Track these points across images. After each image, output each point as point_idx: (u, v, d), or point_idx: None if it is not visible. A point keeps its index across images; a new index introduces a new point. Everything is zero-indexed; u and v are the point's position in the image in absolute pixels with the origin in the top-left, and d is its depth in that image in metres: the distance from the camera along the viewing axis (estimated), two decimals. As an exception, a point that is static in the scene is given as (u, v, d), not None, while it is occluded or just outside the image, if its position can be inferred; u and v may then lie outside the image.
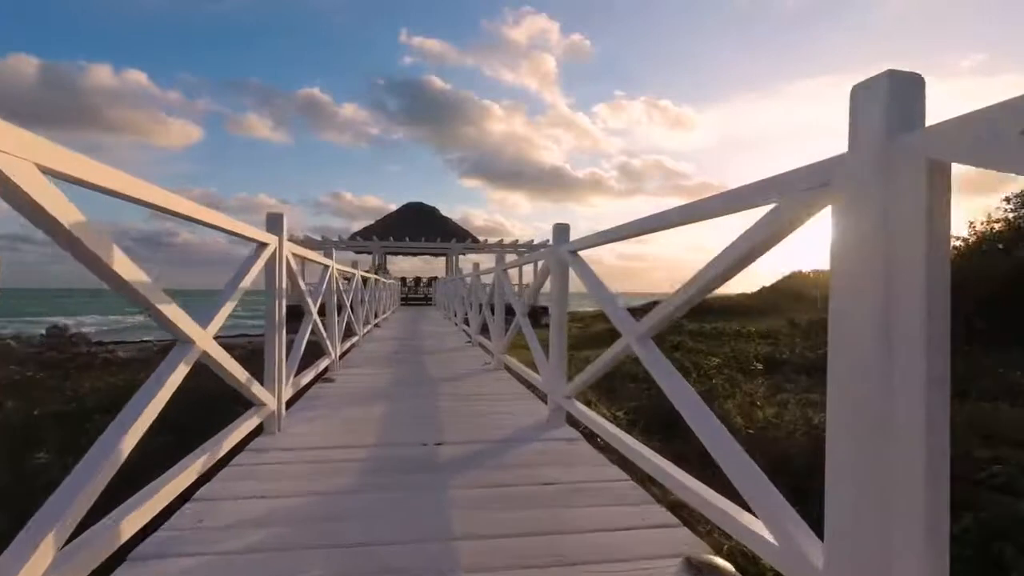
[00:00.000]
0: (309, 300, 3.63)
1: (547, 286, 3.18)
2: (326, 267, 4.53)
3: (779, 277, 28.46)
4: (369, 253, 26.48)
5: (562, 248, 2.91)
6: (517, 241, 27.10)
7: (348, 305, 5.72)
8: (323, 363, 4.17)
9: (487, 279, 6.75)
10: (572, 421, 2.84)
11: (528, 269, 24.27)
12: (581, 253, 2.76)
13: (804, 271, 28.08)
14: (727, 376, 5.80)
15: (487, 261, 17.09)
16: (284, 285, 2.71)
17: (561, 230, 2.97)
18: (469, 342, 6.91)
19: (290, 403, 2.99)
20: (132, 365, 8.99)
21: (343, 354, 5.12)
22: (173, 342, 1.66)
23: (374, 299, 9.11)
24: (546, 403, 3.02)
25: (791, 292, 24.08)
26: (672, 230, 1.85)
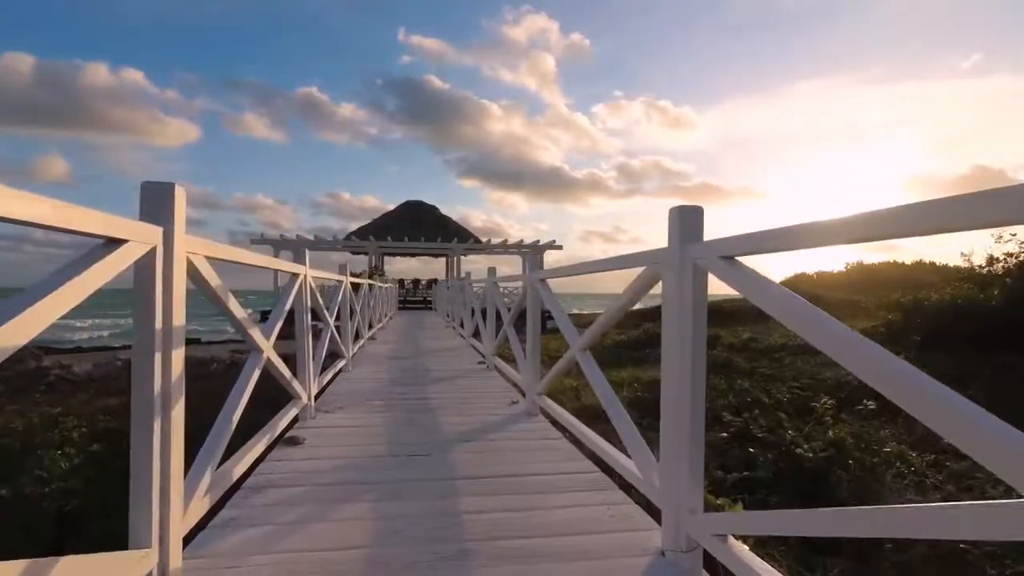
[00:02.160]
0: (254, 334, 2.42)
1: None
2: (294, 275, 3.40)
3: (782, 279, 29.27)
4: (365, 254, 26.51)
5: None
6: (522, 241, 27.06)
7: (331, 323, 4.76)
8: (287, 415, 3.05)
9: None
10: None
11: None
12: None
13: (808, 272, 28.91)
14: (854, 431, 4.39)
15: (490, 262, 17.60)
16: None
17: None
18: (483, 364, 6.26)
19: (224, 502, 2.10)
20: (86, 387, 7.92)
21: (320, 392, 4.07)
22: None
23: (368, 308, 8.48)
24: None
25: (804, 293, 24.79)
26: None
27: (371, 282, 9.94)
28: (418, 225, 29.25)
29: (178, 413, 1.55)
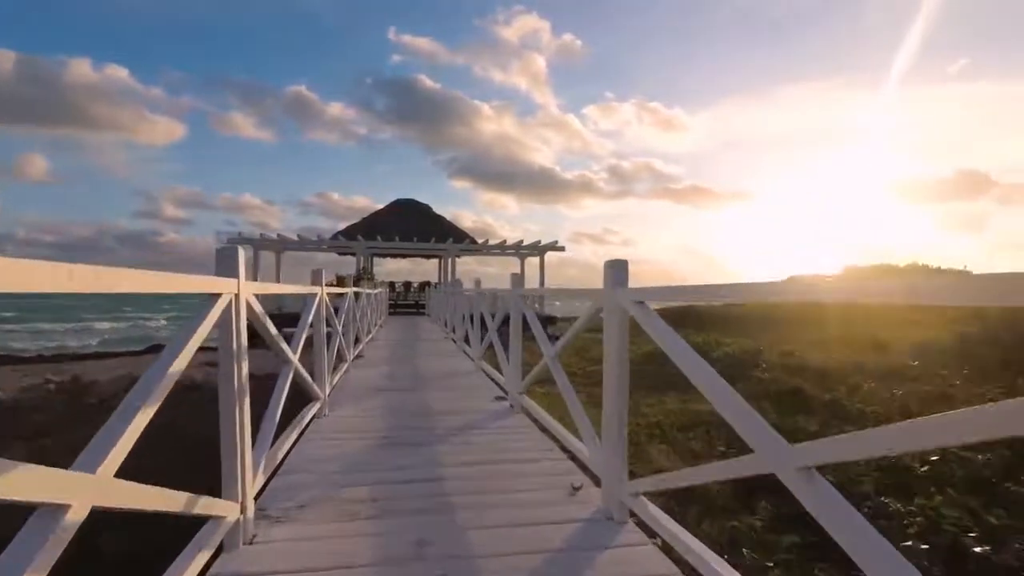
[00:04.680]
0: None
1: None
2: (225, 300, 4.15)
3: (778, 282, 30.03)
4: (353, 255, 26.12)
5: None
6: (522, 242, 26.62)
7: (294, 358, 3.36)
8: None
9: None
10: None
11: (529, 266, 25.95)
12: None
13: (803, 275, 29.70)
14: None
15: (486, 264, 18.04)
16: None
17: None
18: (502, 399, 5.13)
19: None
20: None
21: (281, 462, 3.12)
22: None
23: (354, 322, 7.69)
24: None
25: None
26: (663, 232, 3.07)
27: (357, 290, 8.83)
28: (410, 224, 28.70)
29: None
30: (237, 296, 2.22)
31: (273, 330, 2.88)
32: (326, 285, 4.57)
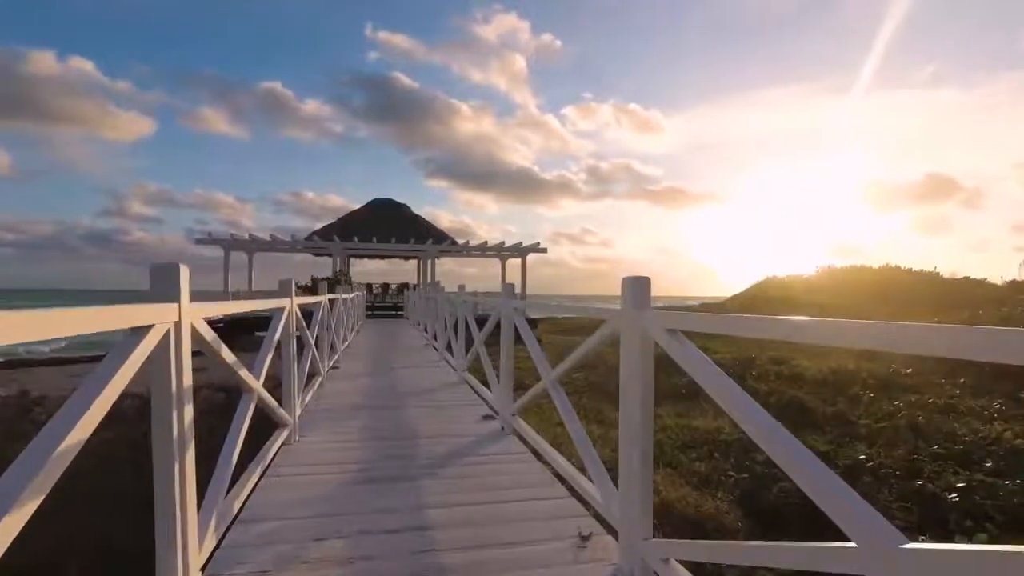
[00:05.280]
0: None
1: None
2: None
3: (754, 282, 30.68)
4: (329, 255, 25.58)
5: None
6: (503, 243, 26.31)
7: (255, 388, 2.96)
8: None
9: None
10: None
11: (510, 267, 25.67)
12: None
13: (779, 276, 30.17)
14: None
15: (465, 265, 17.60)
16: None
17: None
18: (490, 417, 4.81)
19: None
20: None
21: (242, 507, 2.66)
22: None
23: (328, 330, 7.19)
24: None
25: (776, 298, 25.91)
26: (639, 232, 2.77)
27: (333, 297, 8.33)
28: (388, 225, 28.39)
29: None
30: (178, 323, 1.80)
31: (230, 357, 2.44)
32: (298, 293, 4.14)
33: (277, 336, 3.44)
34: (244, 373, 2.72)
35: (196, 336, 2.05)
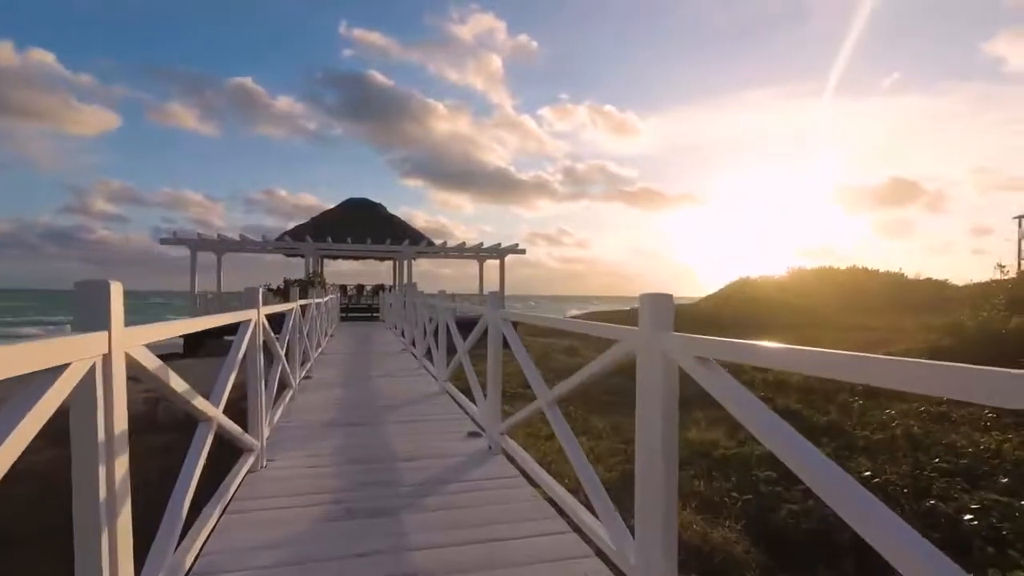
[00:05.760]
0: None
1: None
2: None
3: (727, 283, 31.18)
4: (302, 256, 24.71)
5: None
6: (482, 244, 25.67)
7: (215, 416, 2.60)
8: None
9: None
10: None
11: (488, 268, 25.52)
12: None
13: (752, 277, 30.74)
14: None
15: (442, 265, 17.20)
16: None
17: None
18: (475, 434, 4.45)
19: None
20: None
21: (196, 559, 2.29)
22: None
23: (300, 338, 6.74)
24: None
25: (748, 298, 26.17)
26: (615, 233, 2.51)
27: (305, 302, 7.77)
28: (363, 225, 27.52)
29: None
30: (107, 356, 1.45)
31: (181, 385, 2.09)
32: (270, 299, 3.79)
33: (241, 355, 3.05)
34: (200, 402, 2.36)
35: (134, 365, 1.71)
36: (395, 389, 6.73)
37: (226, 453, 3.39)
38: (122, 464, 1.54)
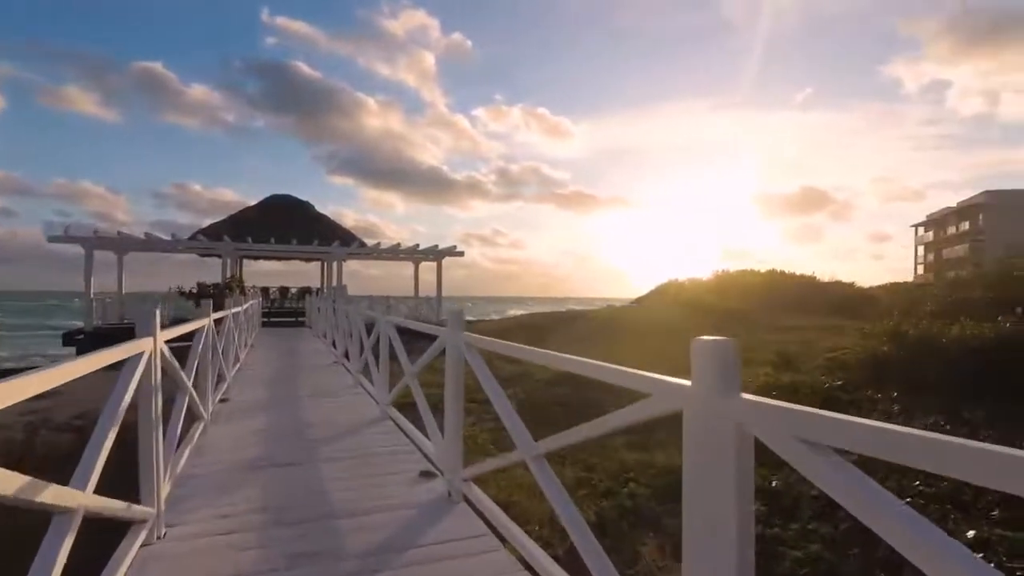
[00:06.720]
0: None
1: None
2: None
3: (656, 285, 32.58)
4: (218, 256, 22.65)
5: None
6: (418, 246, 24.82)
7: (83, 501, 1.87)
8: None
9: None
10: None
11: (422, 271, 24.70)
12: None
13: (679, 279, 32.25)
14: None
15: (375, 267, 16.38)
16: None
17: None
18: (432, 476, 3.78)
19: None
20: None
21: None
22: None
23: (215, 358, 5.86)
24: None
25: (674, 300, 26.83)
26: (549, 234, 2.01)
27: (221, 315, 6.85)
28: (287, 224, 25.69)
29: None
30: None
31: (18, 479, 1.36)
32: (170, 320, 2.98)
33: (124, 405, 2.23)
34: (54, 490, 1.61)
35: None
36: (329, 413, 5.90)
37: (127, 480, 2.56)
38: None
